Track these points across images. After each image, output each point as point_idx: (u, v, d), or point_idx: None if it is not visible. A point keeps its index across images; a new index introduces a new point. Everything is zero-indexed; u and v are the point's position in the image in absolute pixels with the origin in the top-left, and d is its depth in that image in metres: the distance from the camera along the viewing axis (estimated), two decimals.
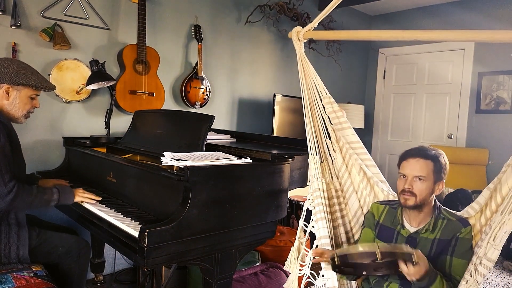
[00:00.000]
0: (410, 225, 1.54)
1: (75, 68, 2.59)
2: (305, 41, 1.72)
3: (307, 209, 1.72)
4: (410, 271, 1.29)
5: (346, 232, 1.76)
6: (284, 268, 1.76)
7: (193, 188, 1.50)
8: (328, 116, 1.76)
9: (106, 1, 2.78)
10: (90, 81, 2.43)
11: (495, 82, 4.10)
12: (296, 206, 3.32)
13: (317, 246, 1.63)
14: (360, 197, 1.77)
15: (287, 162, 1.84)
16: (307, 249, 1.69)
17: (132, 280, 2.77)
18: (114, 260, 2.80)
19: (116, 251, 2.72)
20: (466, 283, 1.28)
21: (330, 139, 1.78)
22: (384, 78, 5.03)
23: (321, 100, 1.75)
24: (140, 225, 1.56)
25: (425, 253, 1.44)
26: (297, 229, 1.76)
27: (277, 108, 3.70)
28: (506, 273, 3.28)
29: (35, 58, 2.47)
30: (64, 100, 2.59)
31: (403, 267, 1.29)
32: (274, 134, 3.69)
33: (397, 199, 1.56)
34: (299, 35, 1.69)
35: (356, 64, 4.99)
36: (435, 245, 1.46)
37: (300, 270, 1.67)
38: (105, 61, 2.59)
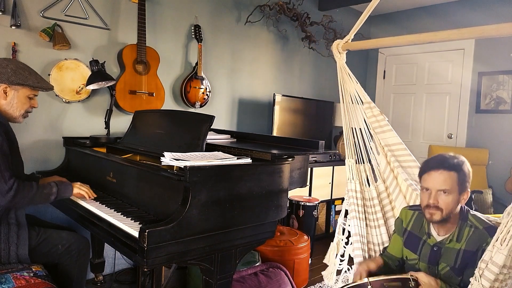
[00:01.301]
0: (438, 234, 1.50)
1: (75, 68, 2.59)
2: (345, 52, 1.80)
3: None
4: None
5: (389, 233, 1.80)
6: (324, 261, 1.87)
7: (193, 188, 1.50)
8: (369, 121, 1.81)
9: (106, 1, 2.78)
10: (90, 81, 2.43)
11: (495, 82, 4.10)
12: (296, 206, 3.32)
13: (351, 243, 1.78)
14: (409, 200, 1.77)
15: (287, 162, 1.84)
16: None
17: (132, 280, 2.77)
18: (114, 260, 2.80)
19: (116, 251, 2.72)
20: (471, 286, 1.27)
21: (374, 142, 1.81)
22: (384, 78, 5.03)
23: (362, 104, 1.79)
24: (140, 225, 1.56)
25: (450, 263, 1.43)
26: (297, 229, 1.80)
27: (277, 108, 3.70)
28: None
29: (35, 58, 2.47)
30: (64, 100, 2.59)
31: None
32: (274, 134, 3.69)
33: None
34: (338, 48, 1.80)
35: (356, 64, 4.99)
36: (460, 256, 1.41)
37: (340, 264, 1.82)
38: (105, 61, 2.59)
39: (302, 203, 3.29)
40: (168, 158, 1.65)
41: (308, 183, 2.46)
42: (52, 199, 1.83)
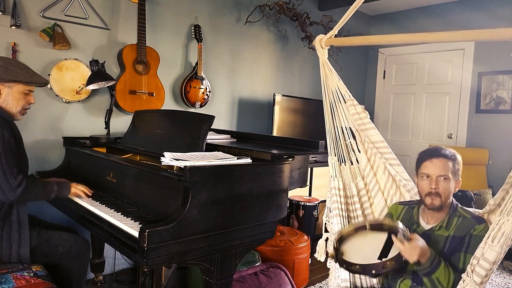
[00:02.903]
0: (427, 223, 1.56)
1: (75, 68, 2.59)
2: (328, 48, 1.80)
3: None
4: (405, 248, 1.35)
5: None
6: (314, 255, 1.87)
7: (193, 188, 1.50)
8: (352, 118, 1.82)
9: (106, 1, 2.78)
10: (90, 81, 2.43)
11: (495, 82, 4.10)
12: (296, 206, 3.32)
13: (327, 239, 1.80)
14: (386, 197, 1.80)
15: (287, 162, 1.84)
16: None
17: (132, 280, 2.77)
18: (114, 260, 2.80)
19: (116, 251, 2.72)
20: (463, 282, 1.29)
21: (355, 140, 1.81)
22: (384, 78, 5.03)
23: (344, 103, 1.79)
24: (140, 225, 1.56)
25: (438, 249, 1.47)
26: (297, 229, 1.80)
27: (277, 108, 3.70)
28: (506, 273, 3.28)
29: (35, 58, 2.47)
30: (64, 100, 2.59)
31: (398, 244, 1.36)
32: (274, 134, 3.69)
33: (415, 199, 1.60)
34: (321, 43, 1.78)
35: (356, 64, 4.99)
36: (449, 242, 1.47)
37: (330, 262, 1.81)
38: (105, 61, 2.59)
39: (302, 203, 3.29)
40: (168, 158, 1.65)
41: (308, 183, 2.46)
42: (52, 196, 1.87)
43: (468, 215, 1.50)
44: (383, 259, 1.41)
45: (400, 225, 1.40)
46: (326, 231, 1.84)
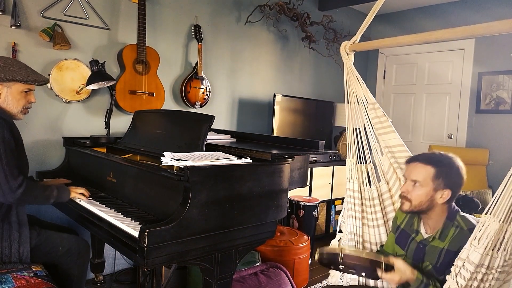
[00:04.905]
0: (425, 232, 1.52)
1: (75, 68, 2.59)
2: (353, 53, 1.86)
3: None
4: (383, 277, 1.35)
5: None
6: None
7: (193, 188, 1.50)
8: (372, 122, 1.84)
9: (106, 1, 2.78)
10: (90, 81, 2.43)
11: (495, 82, 4.10)
12: (296, 206, 3.32)
13: (340, 239, 1.82)
14: None
15: (287, 162, 1.84)
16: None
17: (132, 280, 2.77)
18: (114, 260, 2.80)
19: (116, 251, 2.72)
20: (446, 283, 1.28)
21: (379, 143, 1.82)
22: (384, 78, 5.03)
23: (367, 104, 1.81)
24: (140, 225, 1.56)
25: (432, 262, 1.43)
26: (297, 229, 1.81)
27: (277, 108, 3.70)
28: None
29: (35, 58, 2.47)
30: (64, 100, 2.59)
31: (378, 272, 1.36)
32: (274, 134, 3.69)
33: None
34: (346, 49, 1.85)
35: (356, 64, 4.96)
36: (443, 255, 1.41)
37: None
38: (105, 61, 2.58)
39: (302, 203, 3.29)
40: (168, 158, 1.65)
41: (308, 183, 2.46)
42: (51, 201, 1.85)
43: (465, 225, 1.40)
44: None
45: (382, 257, 1.38)
46: (340, 231, 1.85)
